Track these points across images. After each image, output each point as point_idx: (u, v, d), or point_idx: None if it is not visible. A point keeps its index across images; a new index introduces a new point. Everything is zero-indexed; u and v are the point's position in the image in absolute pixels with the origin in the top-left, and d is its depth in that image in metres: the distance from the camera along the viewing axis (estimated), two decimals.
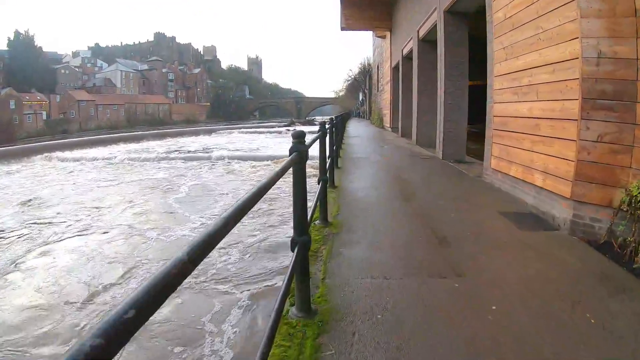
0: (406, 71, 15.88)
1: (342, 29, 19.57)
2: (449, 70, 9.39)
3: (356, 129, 22.15)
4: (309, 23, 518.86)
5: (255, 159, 20.59)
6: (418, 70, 12.61)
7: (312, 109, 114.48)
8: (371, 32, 28.48)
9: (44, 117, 67.18)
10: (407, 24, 14.55)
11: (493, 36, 6.39)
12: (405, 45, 15.13)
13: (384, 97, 22.67)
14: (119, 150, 28.08)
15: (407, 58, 15.66)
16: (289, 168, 2.10)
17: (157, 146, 31.11)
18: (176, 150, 26.43)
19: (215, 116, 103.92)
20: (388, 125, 20.60)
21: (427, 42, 12.34)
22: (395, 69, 18.83)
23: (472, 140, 9.99)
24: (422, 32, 12.04)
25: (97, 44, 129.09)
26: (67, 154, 27.28)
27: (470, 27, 9.40)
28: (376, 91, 29.41)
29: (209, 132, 49.40)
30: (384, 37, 22.79)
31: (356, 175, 7.44)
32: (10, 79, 72.15)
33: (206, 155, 22.87)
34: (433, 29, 10.73)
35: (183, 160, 21.55)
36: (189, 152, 25.65)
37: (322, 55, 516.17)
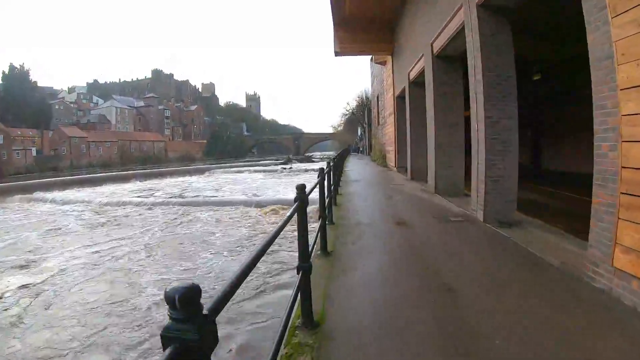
0: (415, 99, 12.93)
1: (336, 54, 16.76)
2: (489, 90, 6.31)
3: (356, 170, 19.03)
4: (309, 58, 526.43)
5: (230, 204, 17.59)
6: (435, 95, 9.58)
7: (310, 144, 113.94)
8: (369, 58, 25.99)
9: (34, 153, 64.82)
10: (416, 40, 11.67)
11: (609, 12, 3.32)
12: (413, 67, 12.22)
13: (387, 132, 19.71)
14: (102, 192, 25.35)
15: (416, 83, 12.75)
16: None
17: (137, 189, 28.05)
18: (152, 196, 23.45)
19: (212, 153, 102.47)
20: (393, 165, 17.52)
21: (446, 58, 9.42)
22: (400, 98, 15.93)
23: None
24: (438, 45, 9.10)
25: (95, 80, 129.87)
26: (46, 194, 25.24)
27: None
28: (377, 125, 26.52)
29: (201, 172, 46.30)
30: (384, 63, 20.06)
31: (356, 282, 4.10)
32: (4, 113, 70.39)
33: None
34: (457, 37, 7.79)
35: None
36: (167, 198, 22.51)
37: (321, 89, 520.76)
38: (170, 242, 11.43)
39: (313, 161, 67.01)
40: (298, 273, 2.85)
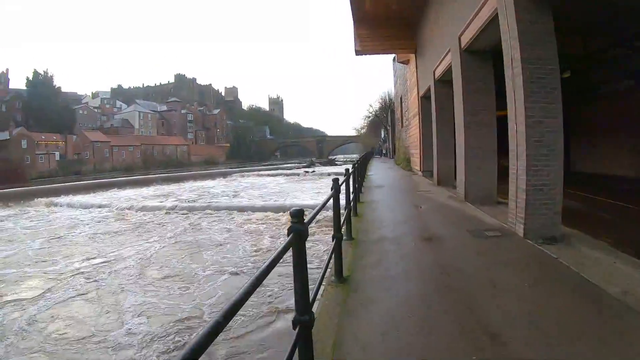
0: (442, 98, 12.08)
1: (357, 52, 15.97)
2: (529, 85, 5.45)
3: (379, 174, 18.20)
4: (332, 60, 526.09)
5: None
6: (464, 93, 8.71)
7: (334, 147, 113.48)
8: (392, 58, 25.18)
9: (57, 157, 66.26)
10: (441, 34, 10.80)
11: None
12: (439, 64, 11.36)
13: (411, 134, 18.82)
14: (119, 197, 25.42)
15: (442, 82, 11.88)
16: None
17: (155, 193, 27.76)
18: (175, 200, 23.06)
19: (235, 157, 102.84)
20: (418, 169, 16.62)
21: (475, 52, 8.56)
22: (425, 98, 15.05)
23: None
24: (467, 37, 8.24)
25: (119, 86, 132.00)
26: (65, 199, 25.26)
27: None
28: (400, 127, 25.60)
29: (223, 175, 45.88)
30: (407, 62, 19.17)
31: (377, 324, 3.26)
32: (29, 118, 72.37)
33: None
34: (489, 27, 6.97)
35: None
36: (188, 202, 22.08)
37: (344, 91, 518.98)
38: (176, 253, 10.67)
39: (336, 164, 66.04)
40: (294, 328, 2.13)
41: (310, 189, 24.78)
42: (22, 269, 9.97)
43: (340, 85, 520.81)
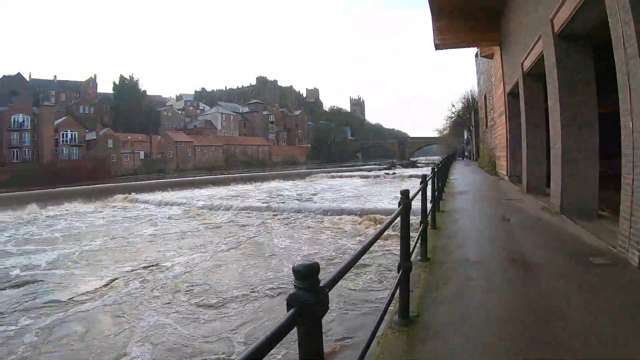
0: (532, 94, 10.63)
1: (436, 47, 14.72)
2: None
3: (462, 179, 16.73)
4: (414, 58, 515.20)
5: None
6: (559, 86, 7.35)
7: (415, 149, 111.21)
8: (474, 54, 23.50)
9: (142, 156, 70.76)
10: (529, 19, 9.37)
11: None
12: (528, 55, 9.93)
13: (497, 135, 17.11)
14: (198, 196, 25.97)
15: (532, 75, 10.42)
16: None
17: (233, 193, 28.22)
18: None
19: (316, 158, 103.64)
20: (504, 173, 14.98)
21: (571, 36, 7.18)
22: (512, 95, 13.49)
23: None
24: (561, 19, 6.91)
25: (203, 88, 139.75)
26: (145, 196, 27.08)
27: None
28: (485, 127, 23.67)
29: (302, 176, 45.97)
30: (490, 56, 17.53)
31: None
32: (116, 120, 78.42)
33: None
34: (589, 4, 5.67)
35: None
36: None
37: (427, 91, 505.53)
38: (226, 264, 10.15)
39: (417, 166, 63.75)
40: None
41: (388, 193, 23.70)
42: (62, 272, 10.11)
43: (423, 85, 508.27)
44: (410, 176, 37.96)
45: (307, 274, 1.27)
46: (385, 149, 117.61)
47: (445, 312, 3.36)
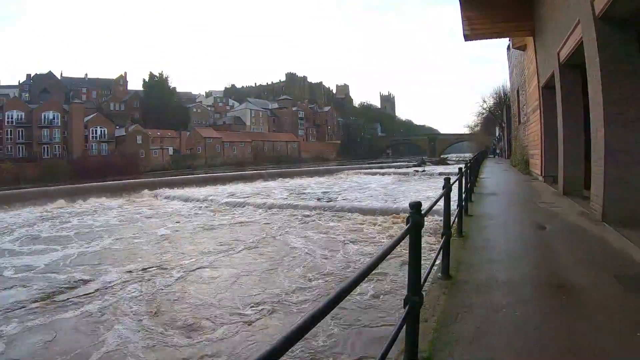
0: (570, 87, 9.66)
1: (466, 38, 13.78)
2: None
3: (493, 178, 15.73)
4: (445, 54, 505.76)
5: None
6: (602, 76, 6.44)
7: (446, 146, 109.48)
8: (506, 46, 22.42)
9: (170, 152, 72.24)
10: (566, 3, 8.44)
11: None
12: (565, 43, 8.96)
13: (531, 132, 16.01)
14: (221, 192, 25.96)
15: (569, 66, 9.47)
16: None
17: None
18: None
19: (345, 154, 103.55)
20: (538, 173, 13.93)
21: (615, 19, 6.29)
22: (547, 89, 12.46)
23: None
24: (602, 0, 6.04)
25: (232, 85, 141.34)
26: (170, 191, 27.04)
27: None
28: (517, 124, 22.44)
29: (330, 173, 45.10)
30: (523, 48, 16.42)
31: None
32: (146, 116, 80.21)
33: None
34: None
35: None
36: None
37: (458, 87, 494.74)
38: (229, 271, 9.35)
39: (448, 164, 62.05)
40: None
41: (416, 191, 22.75)
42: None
43: (455, 81, 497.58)
44: (441, 174, 36.68)
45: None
46: (415, 145, 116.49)
47: (463, 358, 2.66)
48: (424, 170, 41.38)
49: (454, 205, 5.31)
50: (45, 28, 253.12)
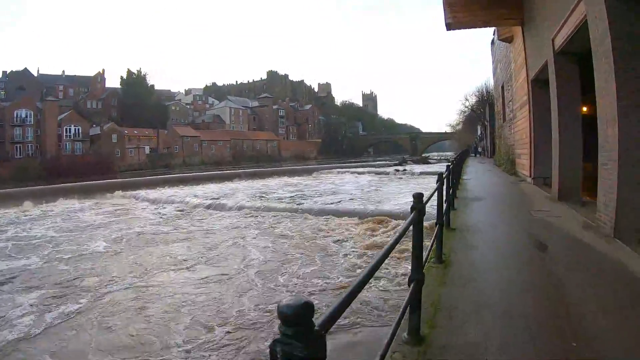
0: (567, 76, 8.54)
1: (448, 27, 12.56)
2: None
3: (478, 179, 14.63)
4: (427, 52, 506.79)
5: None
6: (615, 60, 5.26)
7: (428, 144, 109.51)
8: (490, 41, 21.49)
9: (147, 151, 69.83)
10: None
11: None
12: (562, 27, 7.80)
13: (518, 130, 14.92)
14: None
15: (567, 53, 8.36)
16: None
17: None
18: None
19: (326, 153, 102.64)
20: (526, 174, 12.84)
21: None
22: (537, 82, 11.37)
23: None
24: None
25: (214, 83, 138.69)
26: (142, 192, 25.85)
27: None
28: (502, 122, 21.43)
29: (309, 172, 43.72)
30: (510, 39, 15.31)
31: None
32: (123, 114, 77.58)
33: None
34: None
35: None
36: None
37: (441, 85, 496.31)
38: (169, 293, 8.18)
39: (429, 163, 61.41)
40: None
41: (395, 194, 21.50)
42: None
43: (437, 80, 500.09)
44: (422, 173, 35.84)
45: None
46: (397, 144, 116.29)
47: None
48: (404, 170, 40.36)
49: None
50: (23, 25, 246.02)
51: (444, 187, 5.57)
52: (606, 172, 5.72)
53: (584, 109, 8.91)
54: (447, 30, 12.87)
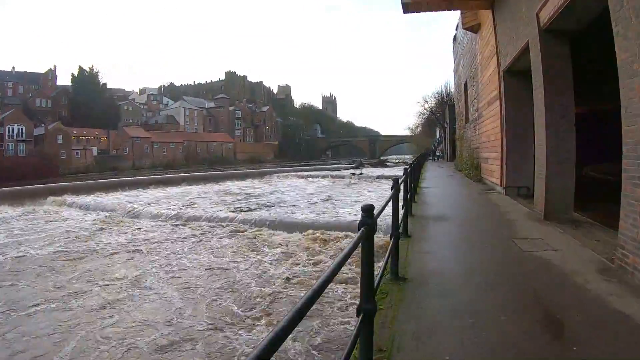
0: (556, 61, 6.61)
1: (405, 8, 10.49)
2: None
3: (438, 188, 12.62)
4: (388, 55, 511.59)
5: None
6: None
7: (386, 147, 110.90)
8: (452, 37, 20.02)
9: (95, 152, 66.27)
10: None
11: None
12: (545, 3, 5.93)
13: (484, 130, 13.10)
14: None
15: (555, 32, 6.47)
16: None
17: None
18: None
19: (284, 155, 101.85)
20: (496, 181, 10.97)
21: None
22: (510, 73, 9.56)
23: None
24: None
25: (171, 83, 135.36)
26: (77, 198, 22.87)
27: None
28: (463, 123, 19.80)
29: (260, 176, 41.64)
30: (476, 28, 13.52)
31: None
32: (74, 114, 74.50)
33: None
34: None
35: None
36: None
37: (400, 89, 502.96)
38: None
39: (387, 166, 60.09)
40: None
41: (345, 205, 19.17)
42: None
43: (397, 82, 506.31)
44: (378, 177, 34.25)
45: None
46: (355, 147, 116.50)
47: None
48: (361, 173, 38.78)
49: None
50: None
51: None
52: (631, 187, 3.78)
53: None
54: (404, 12, 10.85)
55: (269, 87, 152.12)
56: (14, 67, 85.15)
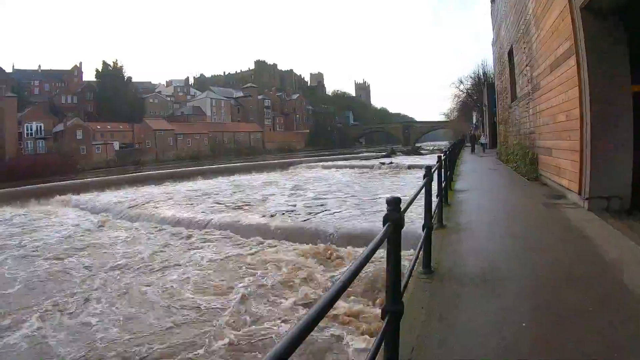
0: None
1: None
2: None
3: (481, 198, 8.13)
4: (423, 41, 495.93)
5: None
6: None
7: (421, 134, 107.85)
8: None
9: (116, 147, 65.12)
10: None
11: None
12: None
13: (546, 107, 9.05)
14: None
15: None
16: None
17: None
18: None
19: (315, 144, 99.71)
20: (567, 185, 7.12)
21: None
22: (596, 12, 5.79)
23: None
24: None
25: (202, 74, 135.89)
26: (85, 197, 21.94)
27: None
28: (509, 101, 15.74)
29: (283, 167, 38.90)
30: None
31: None
32: (100, 108, 75.29)
33: None
34: None
35: None
36: None
37: (436, 75, 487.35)
38: None
39: (421, 153, 55.91)
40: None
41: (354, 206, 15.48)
42: None
43: (433, 69, 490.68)
44: (410, 167, 30.56)
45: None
46: (389, 134, 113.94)
47: None
48: (390, 162, 34.87)
49: None
50: None
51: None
52: None
53: None
54: None
55: (300, 75, 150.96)
56: (40, 66, 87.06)
